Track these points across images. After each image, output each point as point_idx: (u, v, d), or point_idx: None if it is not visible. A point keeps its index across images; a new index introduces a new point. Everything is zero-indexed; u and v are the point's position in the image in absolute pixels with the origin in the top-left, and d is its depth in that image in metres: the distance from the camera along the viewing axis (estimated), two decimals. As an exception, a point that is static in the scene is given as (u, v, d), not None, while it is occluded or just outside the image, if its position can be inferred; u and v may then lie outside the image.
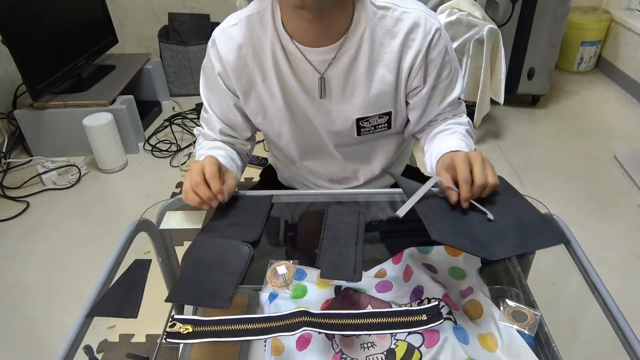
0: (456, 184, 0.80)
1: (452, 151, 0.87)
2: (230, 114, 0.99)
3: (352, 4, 0.86)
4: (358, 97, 0.92)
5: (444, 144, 0.91)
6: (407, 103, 0.96)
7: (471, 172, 0.79)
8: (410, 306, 0.77)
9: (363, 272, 0.79)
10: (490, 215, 0.78)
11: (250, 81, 0.93)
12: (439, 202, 0.82)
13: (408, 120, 1.00)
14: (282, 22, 0.87)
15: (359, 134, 0.97)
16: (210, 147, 1.01)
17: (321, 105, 0.94)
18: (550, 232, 0.77)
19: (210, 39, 0.93)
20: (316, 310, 0.69)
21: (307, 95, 0.93)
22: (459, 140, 0.91)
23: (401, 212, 0.75)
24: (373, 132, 0.97)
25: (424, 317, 0.68)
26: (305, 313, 0.67)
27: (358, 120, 0.94)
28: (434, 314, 0.68)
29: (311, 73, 0.90)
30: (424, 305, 0.76)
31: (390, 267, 0.86)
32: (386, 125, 0.97)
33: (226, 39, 0.91)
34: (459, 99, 0.99)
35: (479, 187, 0.78)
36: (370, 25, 0.86)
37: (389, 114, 0.95)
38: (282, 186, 1.20)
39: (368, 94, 0.91)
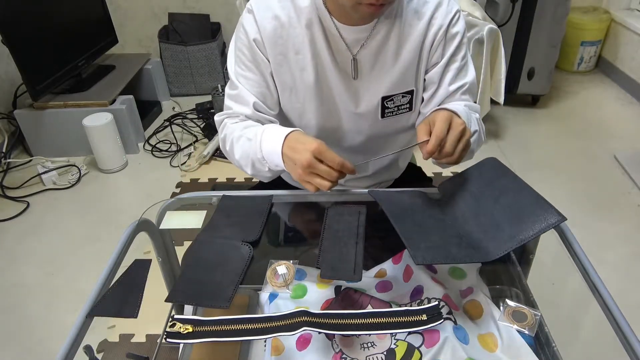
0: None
1: (444, 108, 0.88)
2: (264, 86, 0.97)
3: None
4: (385, 76, 0.95)
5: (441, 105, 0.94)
6: (424, 80, 0.99)
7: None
8: (410, 306, 0.77)
9: (363, 272, 0.79)
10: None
11: (283, 54, 0.93)
12: (422, 214, 0.82)
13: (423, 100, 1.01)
14: None
15: (382, 116, 0.98)
16: (246, 126, 0.95)
17: (350, 85, 0.96)
18: (545, 214, 0.73)
19: (245, 9, 0.93)
20: (316, 310, 0.69)
21: (338, 72, 0.94)
22: (459, 105, 0.91)
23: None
24: (395, 114, 0.99)
25: (424, 317, 0.68)
26: (305, 313, 0.67)
27: (383, 99, 0.96)
28: (434, 314, 0.68)
29: (344, 52, 0.92)
30: (424, 305, 0.76)
31: (390, 267, 0.86)
32: (408, 106, 0.99)
33: (264, 8, 0.91)
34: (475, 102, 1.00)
35: (446, 153, 0.80)
36: (402, 7, 0.91)
37: (411, 92, 0.97)
38: (282, 186, 1.20)
39: (395, 73, 0.94)
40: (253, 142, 0.90)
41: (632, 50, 2.93)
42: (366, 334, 0.71)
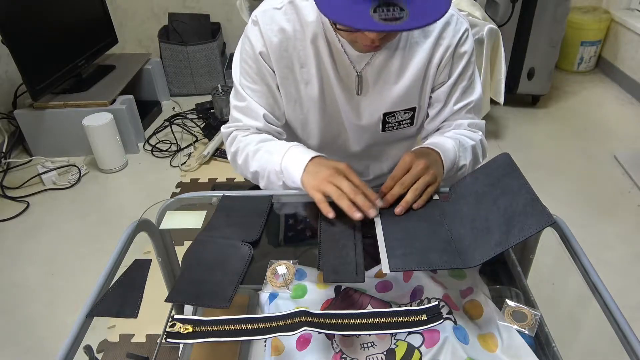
0: None
1: (424, 146, 0.91)
2: (270, 97, 0.97)
3: None
4: (388, 93, 0.95)
5: (427, 140, 0.95)
6: (430, 98, 0.99)
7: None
8: (410, 306, 0.77)
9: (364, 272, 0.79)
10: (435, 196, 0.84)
11: (288, 67, 0.93)
12: (416, 219, 0.82)
13: (427, 116, 1.02)
14: None
15: (383, 129, 0.99)
16: (262, 140, 0.96)
17: (352, 100, 0.96)
18: (535, 218, 0.71)
19: (250, 21, 0.92)
20: (316, 310, 0.69)
21: (342, 87, 0.95)
22: (446, 140, 0.93)
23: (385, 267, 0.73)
24: (396, 129, 1.00)
25: (424, 317, 0.68)
26: (305, 313, 0.67)
27: (385, 115, 0.97)
28: (434, 314, 0.68)
29: (348, 67, 0.92)
30: (424, 305, 0.76)
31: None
32: (409, 121, 1.00)
33: (269, 21, 0.90)
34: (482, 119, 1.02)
35: (398, 185, 0.82)
36: None
37: (413, 109, 0.98)
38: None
39: (398, 90, 0.94)
40: (274, 156, 0.91)
41: (632, 50, 2.93)
42: (366, 334, 0.71)
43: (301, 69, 0.93)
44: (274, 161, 0.91)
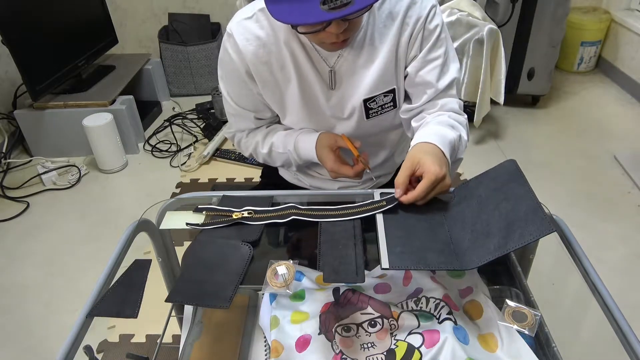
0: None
1: (425, 142, 0.87)
2: (258, 100, 1.02)
3: None
4: (363, 79, 0.96)
5: (426, 128, 0.92)
6: (405, 77, 0.98)
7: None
8: (407, 304, 0.77)
9: (365, 271, 0.79)
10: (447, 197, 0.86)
11: (269, 70, 0.96)
12: (418, 218, 0.82)
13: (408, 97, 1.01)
14: None
15: (367, 116, 1.00)
16: (267, 133, 1.07)
17: (332, 94, 0.98)
18: (535, 223, 0.71)
19: (226, 34, 0.95)
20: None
21: (321, 82, 0.96)
22: (449, 138, 0.90)
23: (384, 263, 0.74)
24: (381, 113, 1.00)
25: (384, 203, 0.83)
26: (294, 207, 0.86)
27: (365, 101, 0.97)
28: (390, 199, 0.83)
29: (322, 63, 0.95)
30: (420, 303, 0.76)
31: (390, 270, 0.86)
32: (392, 104, 1.00)
33: (243, 31, 0.93)
34: (465, 102, 1.01)
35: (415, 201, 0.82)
36: (373, 12, 0.92)
37: (393, 91, 0.98)
38: (282, 186, 1.21)
39: (372, 75, 0.95)
40: (289, 155, 1.05)
41: (632, 50, 2.93)
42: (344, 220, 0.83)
43: (282, 71, 0.96)
44: (293, 157, 1.05)
